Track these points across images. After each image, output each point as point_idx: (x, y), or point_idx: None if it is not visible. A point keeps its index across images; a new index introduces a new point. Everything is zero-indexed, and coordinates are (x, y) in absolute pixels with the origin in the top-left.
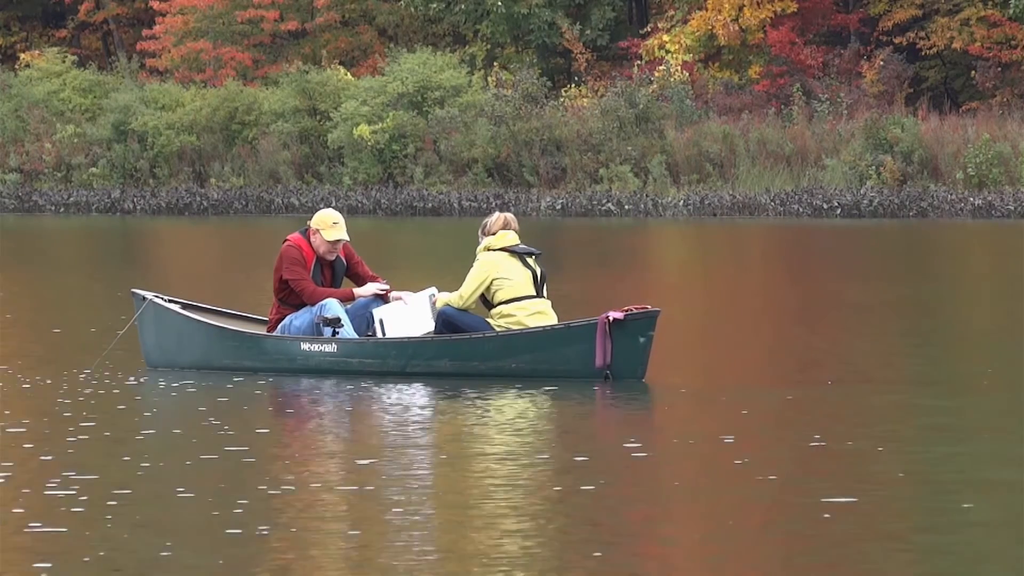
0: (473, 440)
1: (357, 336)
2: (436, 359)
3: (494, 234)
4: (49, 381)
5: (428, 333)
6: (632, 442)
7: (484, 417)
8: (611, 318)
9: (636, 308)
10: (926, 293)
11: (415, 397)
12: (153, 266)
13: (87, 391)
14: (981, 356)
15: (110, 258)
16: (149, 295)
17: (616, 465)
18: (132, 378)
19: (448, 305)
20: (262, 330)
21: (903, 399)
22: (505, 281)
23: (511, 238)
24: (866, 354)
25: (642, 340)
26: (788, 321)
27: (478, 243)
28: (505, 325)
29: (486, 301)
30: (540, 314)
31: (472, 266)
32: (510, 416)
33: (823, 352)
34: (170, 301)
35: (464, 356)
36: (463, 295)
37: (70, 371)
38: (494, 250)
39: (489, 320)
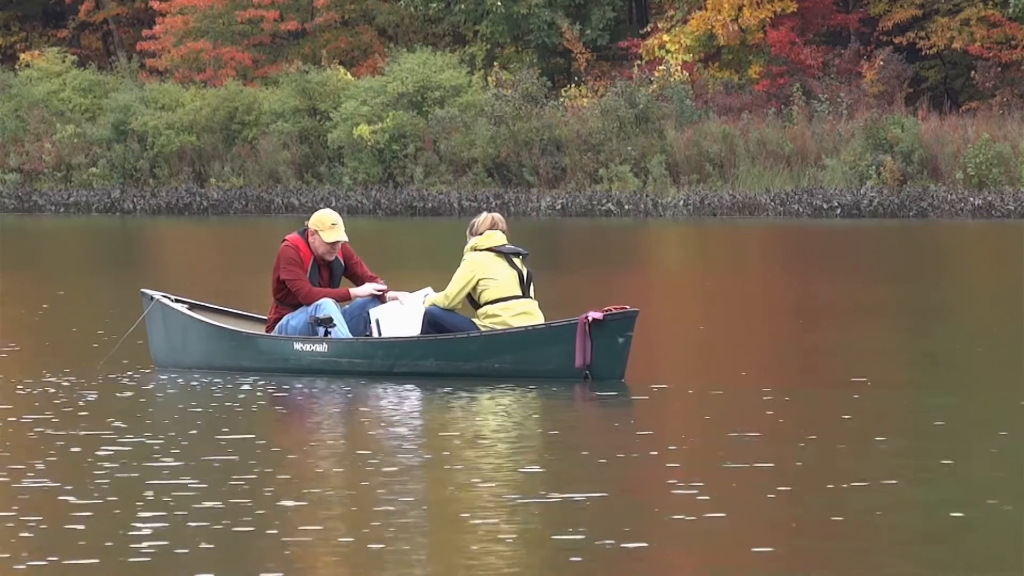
0: (457, 442)
1: (350, 336)
2: (422, 359)
3: (481, 234)
4: (56, 380)
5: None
6: (614, 441)
7: (467, 419)
8: (591, 318)
9: (615, 308)
10: (926, 293)
11: (402, 398)
12: (153, 266)
13: (95, 390)
14: (981, 357)
15: (111, 258)
16: (157, 295)
17: (597, 464)
18: (139, 377)
19: (434, 305)
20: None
21: (901, 399)
22: (491, 281)
23: (498, 238)
24: (864, 355)
25: (621, 340)
26: (784, 321)
27: (466, 243)
28: (490, 325)
29: (473, 301)
30: (526, 314)
31: (459, 266)
32: (493, 416)
33: (818, 352)
34: (177, 301)
35: (449, 356)
36: (449, 295)
37: (77, 370)
38: (480, 250)
39: (475, 320)
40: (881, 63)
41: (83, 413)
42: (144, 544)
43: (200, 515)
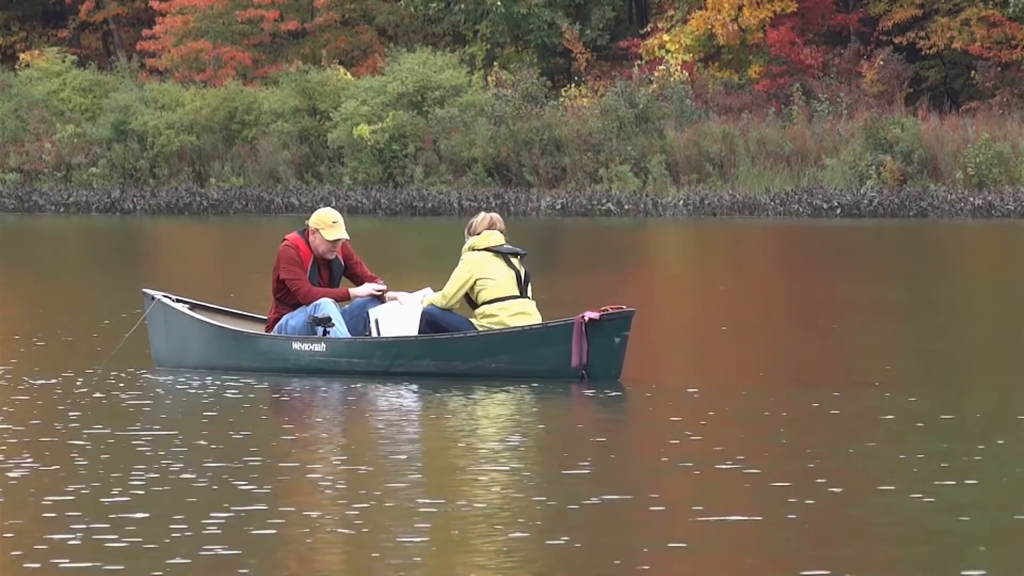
0: (454, 443)
1: (349, 336)
2: (419, 359)
3: (479, 234)
4: (58, 380)
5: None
6: (611, 442)
7: (464, 419)
8: (587, 318)
9: (612, 308)
10: (926, 293)
11: (400, 398)
12: (153, 266)
13: (97, 390)
14: (990, 358)
15: (111, 258)
16: (158, 295)
17: (596, 464)
18: (140, 377)
19: (432, 305)
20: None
21: (897, 400)
22: (488, 281)
23: (496, 238)
24: (867, 355)
25: (617, 340)
26: (783, 321)
27: (464, 243)
28: (488, 325)
29: (470, 301)
30: (523, 315)
31: (457, 266)
32: (490, 417)
33: (819, 353)
34: (178, 301)
35: (446, 356)
36: (446, 295)
37: (79, 370)
38: (478, 250)
39: (472, 320)
40: (881, 63)
41: (85, 413)
42: (147, 544)
43: (201, 516)
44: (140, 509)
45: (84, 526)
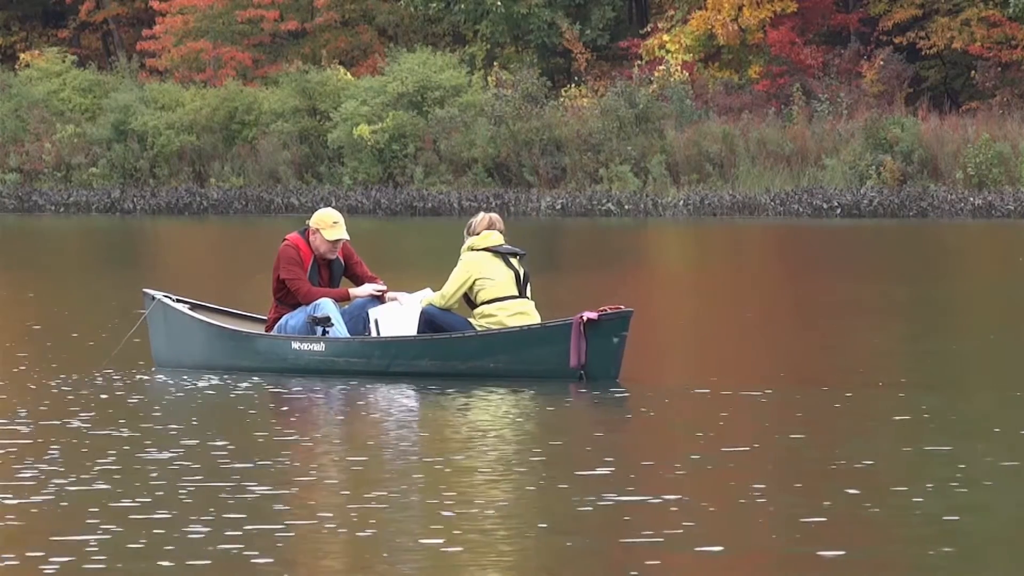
0: (453, 443)
1: (348, 336)
2: (418, 358)
3: (478, 234)
4: (58, 380)
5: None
6: (609, 442)
7: (463, 419)
8: (585, 318)
9: (610, 308)
10: (926, 293)
11: (398, 398)
12: (153, 266)
13: (98, 391)
14: (980, 358)
15: (111, 258)
16: (158, 295)
17: (594, 464)
18: (140, 377)
19: (431, 305)
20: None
21: (902, 400)
22: (487, 281)
23: (495, 238)
24: (861, 355)
25: (615, 340)
26: (784, 321)
27: (463, 243)
28: (486, 325)
29: (469, 301)
30: (522, 315)
31: (456, 266)
32: (488, 417)
33: (817, 352)
34: (178, 301)
35: (444, 355)
36: (445, 295)
37: (80, 370)
38: (477, 250)
39: (471, 320)
40: (881, 63)
41: (89, 414)
42: (151, 544)
43: (202, 515)
44: (155, 510)
45: (101, 526)
